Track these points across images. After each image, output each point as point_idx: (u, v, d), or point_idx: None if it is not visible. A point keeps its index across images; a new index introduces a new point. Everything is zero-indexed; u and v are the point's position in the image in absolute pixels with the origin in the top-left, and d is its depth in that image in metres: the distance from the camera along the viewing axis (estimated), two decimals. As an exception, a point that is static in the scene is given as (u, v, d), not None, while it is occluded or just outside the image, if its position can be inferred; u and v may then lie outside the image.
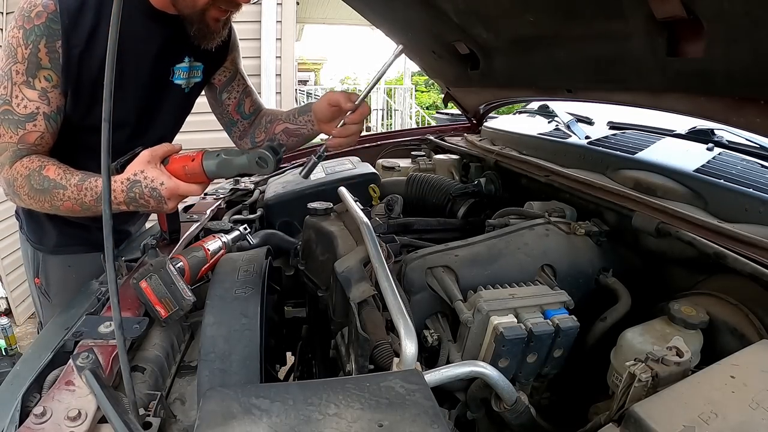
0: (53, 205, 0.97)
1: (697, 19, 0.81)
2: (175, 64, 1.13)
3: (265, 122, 1.29)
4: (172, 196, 0.93)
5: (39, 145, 1.01)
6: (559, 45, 1.22)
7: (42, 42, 0.93)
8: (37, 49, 0.93)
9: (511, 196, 1.55)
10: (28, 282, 1.39)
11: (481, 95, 2.06)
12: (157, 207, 0.94)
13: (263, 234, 1.39)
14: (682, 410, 0.55)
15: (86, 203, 0.96)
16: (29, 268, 1.36)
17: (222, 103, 1.29)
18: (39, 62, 0.95)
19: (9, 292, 3.88)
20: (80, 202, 0.96)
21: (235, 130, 1.33)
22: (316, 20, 10.17)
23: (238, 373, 0.78)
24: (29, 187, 0.97)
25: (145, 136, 1.17)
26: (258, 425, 0.49)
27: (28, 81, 0.96)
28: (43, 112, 0.98)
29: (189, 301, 0.84)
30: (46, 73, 0.96)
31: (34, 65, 0.95)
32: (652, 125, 1.59)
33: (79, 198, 0.95)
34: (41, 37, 0.93)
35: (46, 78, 0.97)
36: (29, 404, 0.67)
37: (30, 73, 0.95)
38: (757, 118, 0.87)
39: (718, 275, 0.93)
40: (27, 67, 0.95)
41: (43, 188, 0.96)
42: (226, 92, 1.28)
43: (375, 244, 0.91)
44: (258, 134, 1.30)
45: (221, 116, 1.33)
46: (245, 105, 1.31)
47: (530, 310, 0.85)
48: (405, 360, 0.69)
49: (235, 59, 1.28)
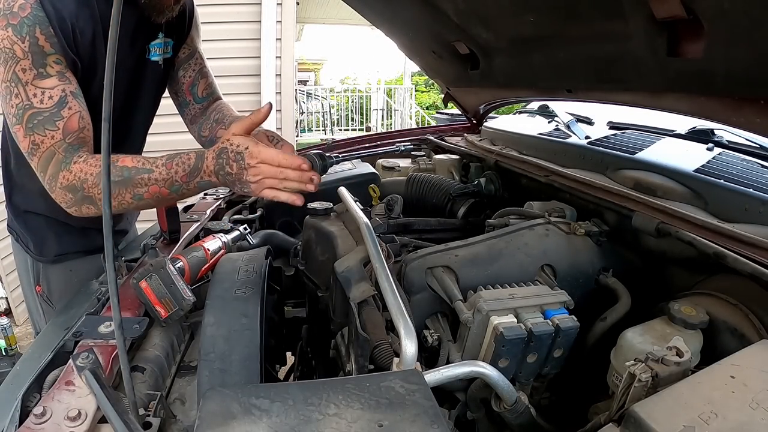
0: (135, 195, 0.92)
1: (697, 19, 0.81)
2: (150, 42, 1.12)
3: (212, 119, 1.28)
4: (253, 158, 0.89)
5: (84, 128, 0.95)
6: (559, 45, 1.22)
7: (37, 30, 0.88)
8: (35, 39, 0.88)
9: (511, 196, 1.55)
10: (23, 290, 1.36)
11: (481, 95, 2.06)
12: (238, 175, 0.89)
13: (263, 234, 1.39)
14: (682, 410, 0.55)
15: (177, 182, 0.92)
16: (28, 277, 1.32)
17: (177, 81, 1.28)
18: (42, 50, 0.89)
19: (9, 292, 3.88)
20: (170, 182, 0.92)
21: (187, 112, 1.32)
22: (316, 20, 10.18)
23: (238, 373, 0.78)
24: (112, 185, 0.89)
25: (132, 118, 1.17)
26: (258, 425, 0.49)
27: (39, 73, 0.90)
28: (70, 92, 0.93)
29: (189, 301, 0.84)
30: (54, 57, 0.91)
31: (39, 55, 0.89)
32: (652, 125, 1.59)
33: (168, 177, 0.91)
34: (34, 26, 0.87)
35: (56, 62, 0.91)
36: (29, 404, 0.67)
37: (38, 64, 0.89)
38: (757, 118, 0.87)
39: (718, 275, 0.93)
40: (32, 60, 0.89)
41: (123, 178, 0.90)
42: (182, 69, 1.27)
43: (375, 244, 0.91)
44: (204, 129, 1.29)
45: (176, 96, 1.31)
46: (199, 87, 1.29)
47: (530, 310, 0.85)
48: (405, 360, 0.69)
49: (194, 38, 1.28)
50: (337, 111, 10.45)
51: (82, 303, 0.93)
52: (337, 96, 10.52)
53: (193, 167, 0.91)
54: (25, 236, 1.28)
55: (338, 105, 10.52)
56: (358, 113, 10.17)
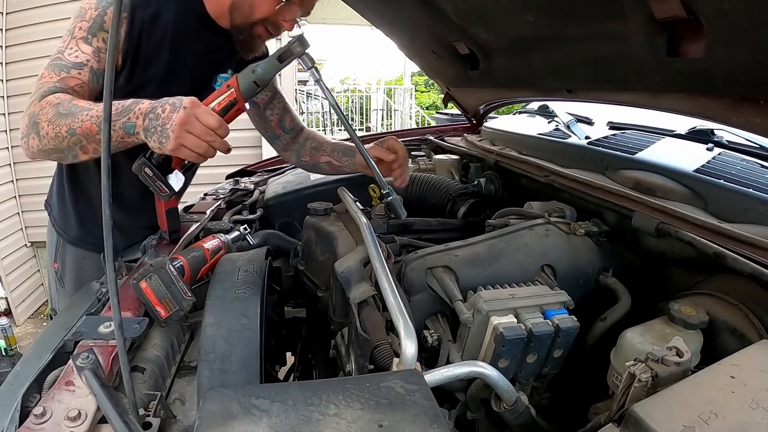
0: (70, 129, 0.92)
1: (697, 19, 0.81)
2: (219, 73, 1.19)
3: (309, 146, 1.42)
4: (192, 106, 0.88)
5: (77, 93, 1.01)
6: (559, 45, 1.22)
7: (110, 9, 0.98)
8: (104, 13, 1.00)
9: (511, 196, 1.55)
10: (47, 267, 1.45)
11: (480, 95, 2.06)
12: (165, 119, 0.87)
13: (263, 234, 1.39)
14: (682, 410, 0.55)
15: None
16: (51, 252, 1.39)
17: (266, 119, 1.39)
18: (102, 25, 1.00)
19: (9, 293, 3.88)
20: (99, 121, 0.91)
21: (279, 143, 1.43)
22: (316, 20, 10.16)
23: (237, 373, 0.78)
24: (54, 113, 0.94)
25: None
26: (258, 425, 0.49)
27: (86, 38, 1.00)
28: (91, 66, 1.01)
29: (189, 301, 0.84)
30: (105, 35, 1.01)
31: (96, 26, 1.00)
32: (652, 125, 1.59)
33: (100, 116, 0.91)
34: (110, 5, 0.99)
35: (104, 40, 1.01)
36: (29, 404, 0.66)
37: (91, 32, 1.00)
38: (756, 118, 0.87)
39: (718, 275, 0.93)
40: (90, 26, 1.00)
41: (69, 112, 0.94)
42: (269, 110, 1.37)
43: (375, 245, 0.91)
44: (303, 155, 1.43)
45: (265, 131, 1.43)
46: (286, 121, 1.41)
47: (530, 311, 0.85)
48: (405, 360, 0.69)
49: (274, 81, 1.39)
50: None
51: (83, 303, 0.93)
52: (337, 96, 10.50)
53: (127, 107, 0.91)
54: (57, 210, 1.34)
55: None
56: (358, 113, 10.16)
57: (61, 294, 1.38)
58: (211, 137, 0.90)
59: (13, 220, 4.02)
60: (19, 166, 3.99)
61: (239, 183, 1.84)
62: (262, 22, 1.08)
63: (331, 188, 1.38)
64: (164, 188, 0.99)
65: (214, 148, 0.92)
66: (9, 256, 3.92)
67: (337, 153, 1.37)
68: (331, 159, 1.38)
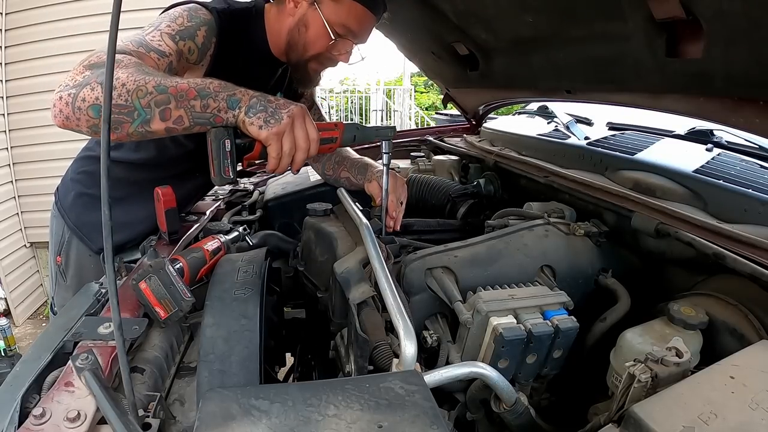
0: (159, 85, 0.82)
1: (696, 19, 0.81)
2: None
3: (334, 161, 1.48)
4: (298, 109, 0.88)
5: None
6: (558, 46, 1.22)
7: (204, 28, 1.02)
8: (198, 28, 1.02)
9: (510, 196, 1.55)
10: (50, 260, 1.45)
11: (480, 96, 2.06)
12: (280, 106, 0.87)
13: (262, 235, 1.39)
14: (681, 411, 0.55)
15: (207, 88, 0.85)
16: (54, 245, 1.38)
17: None
18: (194, 37, 1.01)
19: (8, 293, 3.88)
20: (202, 87, 0.84)
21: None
22: (315, 21, 10.14)
23: (237, 374, 0.78)
24: (136, 69, 0.84)
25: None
26: (257, 426, 0.49)
27: (173, 36, 0.98)
28: (171, 61, 0.97)
29: (188, 302, 0.84)
30: (192, 45, 1.01)
31: (187, 34, 1.00)
32: (652, 126, 1.59)
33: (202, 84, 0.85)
34: (204, 25, 1.02)
35: (189, 50, 1.02)
36: (29, 405, 0.66)
37: (180, 35, 0.99)
38: (756, 119, 0.88)
39: (717, 276, 0.93)
40: (180, 30, 0.99)
41: (155, 74, 0.85)
42: None
43: (374, 245, 0.91)
44: (327, 168, 1.50)
45: None
46: None
47: (530, 311, 0.85)
48: (404, 361, 0.69)
49: (312, 93, 1.51)
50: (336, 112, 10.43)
51: (82, 304, 0.93)
52: (336, 97, 10.50)
53: (224, 85, 0.87)
54: (66, 198, 1.33)
55: (337, 106, 10.49)
56: (358, 114, 10.15)
57: (62, 287, 1.38)
58: (305, 144, 0.90)
59: (12, 220, 4.02)
60: (18, 167, 3.99)
61: (238, 183, 1.84)
62: (317, 57, 1.14)
63: (331, 189, 1.38)
64: (229, 170, 0.89)
65: (293, 159, 0.91)
66: (8, 257, 3.92)
67: (355, 170, 1.42)
68: (350, 175, 1.43)
